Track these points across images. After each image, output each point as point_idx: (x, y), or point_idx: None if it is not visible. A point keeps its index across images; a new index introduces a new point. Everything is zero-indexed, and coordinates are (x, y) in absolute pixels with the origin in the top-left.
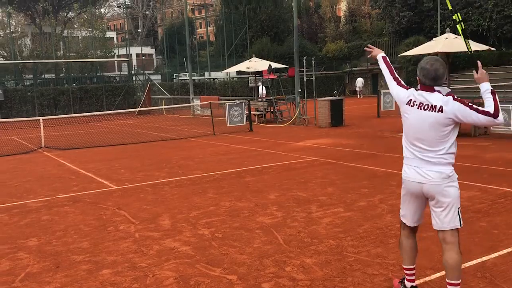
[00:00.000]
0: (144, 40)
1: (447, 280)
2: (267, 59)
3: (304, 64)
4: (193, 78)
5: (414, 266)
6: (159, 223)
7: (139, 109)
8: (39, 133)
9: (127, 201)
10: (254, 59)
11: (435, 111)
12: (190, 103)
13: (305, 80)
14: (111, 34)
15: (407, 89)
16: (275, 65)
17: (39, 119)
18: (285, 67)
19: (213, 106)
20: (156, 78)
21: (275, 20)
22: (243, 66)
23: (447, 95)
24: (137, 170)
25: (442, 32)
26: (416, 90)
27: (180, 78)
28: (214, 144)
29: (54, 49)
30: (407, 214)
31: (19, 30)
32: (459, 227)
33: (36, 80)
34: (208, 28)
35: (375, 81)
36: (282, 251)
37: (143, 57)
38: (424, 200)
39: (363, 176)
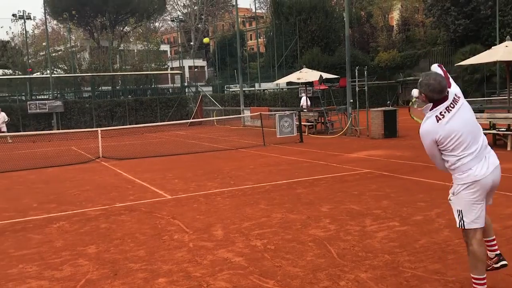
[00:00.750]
0: (196, 52)
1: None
2: (318, 70)
3: (356, 74)
4: (244, 89)
5: (485, 275)
6: (212, 233)
7: (191, 120)
8: (97, 143)
9: (181, 211)
10: (304, 69)
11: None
12: (240, 114)
13: (357, 90)
14: (164, 47)
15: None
16: (325, 75)
17: (97, 130)
18: (336, 77)
19: (263, 117)
20: (208, 89)
21: (325, 30)
22: (293, 77)
23: None
24: (190, 180)
25: (501, 40)
26: (431, 111)
27: (231, 89)
28: (264, 155)
29: (111, 62)
30: (481, 215)
31: (78, 44)
32: None
33: (94, 92)
34: (259, 39)
35: None
36: (336, 265)
37: (195, 69)
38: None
39: (419, 189)
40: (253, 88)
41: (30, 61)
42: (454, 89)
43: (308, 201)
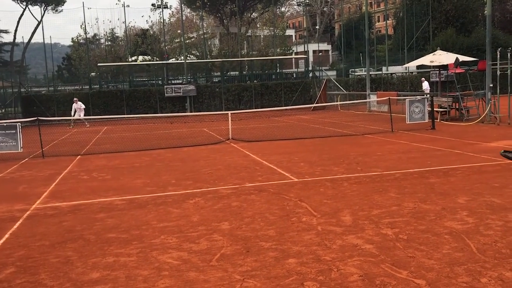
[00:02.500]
0: (321, 36)
1: None
2: (452, 52)
3: (498, 56)
4: (370, 73)
5: None
6: (340, 219)
7: (315, 104)
8: (226, 125)
9: (307, 194)
10: (438, 52)
11: None
12: (366, 98)
13: (498, 74)
14: (290, 32)
15: None
16: (462, 58)
17: (227, 113)
18: (474, 60)
19: (391, 102)
20: (332, 74)
21: (462, 9)
22: (426, 60)
23: None
24: (316, 164)
25: None
26: None
27: (356, 73)
28: (392, 142)
29: (239, 48)
30: None
31: (209, 31)
32: None
33: (223, 77)
34: (387, 21)
35: None
36: (476, 260)
37: (320, 53)
38: None
39: None
40: (379, 72)
41: (166, 47)
42: None
43: (442, 191)
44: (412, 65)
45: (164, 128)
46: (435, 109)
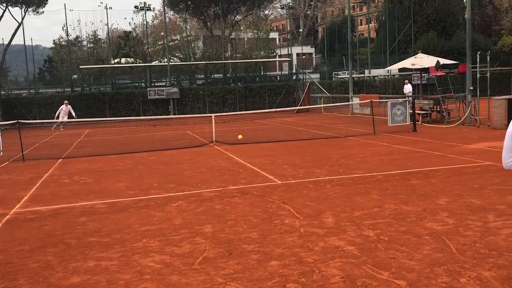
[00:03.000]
0: (305, 39)
1: None
2: (433, 55)
3: (478, 59)
4: (353, 76)
5: None
6: (322, 220)
7: (299, 107)
8: (210, 128)
9: (290, 196)
10: (420, 55)
11: None
12: (348, 101)
13: (478, 77)
14: (273, 35)
15: None
16: (443, 61)
17: (211, 116)
18: (454, 63)
19: (374, 105)
20: (315, 77)
21: (443, 13)
22: (407, 63)
23: None
24: (299, 166)
25: None
26: None
27: (339, 76)
28: (374, 144)
29: (223, 50)
30: None
31: (193, 34)
32: None
33: (207, 79)
34: (370, 24)
35: None
36: (456, 260)
37: (303, 56)
38: None
39: None
40: (362, 75)
41: (149, 50)
42: None
43: (423, 193)
44: (394, 68)
45: (147, 131)
46: (416, 112)
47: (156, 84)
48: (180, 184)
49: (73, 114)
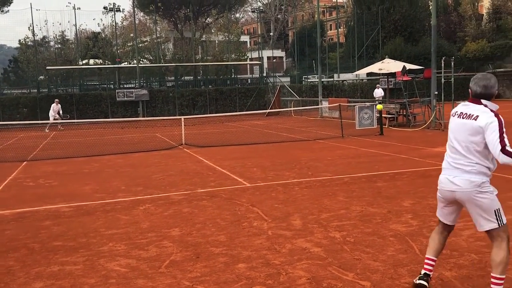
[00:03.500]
0: (275, 43)
1: (491, 274)
2: (400, 60)
3: (442, 65)
4: (322, 80)
5: (435, 258)
6: (290, 223)
7: (269, 110)
8: (179, 131)
9: (259, 199)
10: (387, 60)
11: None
12: (318, 105)
13: (442, 82)
14: (244, 38)
15: None
16: (409, 66)
17: (180, 118)
18: (420, 68)
19: (342, 108)
20: (285, 80)
21: (409, 19)
22: (375, 68)
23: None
24: (268, 169)
25: None
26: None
27: (309, 80)
28: (342, 147)
29: (194, 53)
30: (441, 214)
31: (163, 35)
32: (497, 227)
33: (177, 82)
34: (339, 29)
35: None
36: (419, 261)
37: (274, 60)
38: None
39: (510, 187)
40: (331, 79)
41: (118, 51)
42: (486, 120)
43: (388, 195)
44: (362, 72)
45: (115, 134)
46: (383, 116)
47: (125, 86)
48: (148, 187)
49: (61, 113)
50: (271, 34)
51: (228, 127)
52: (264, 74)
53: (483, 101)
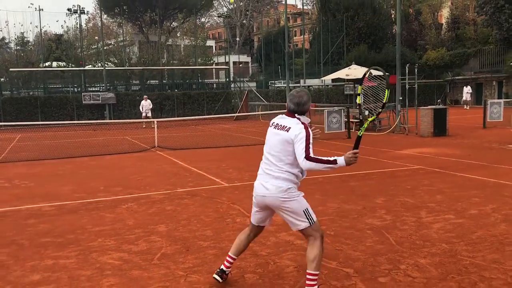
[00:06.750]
0: (241, 48)
1: (307, 271)
2: (364, 67)
3: (407, 71)
4: (289, 85)
5: (235, 257)
6: (272, 219)
7: (238, 114)
8: (150, 133)
9: (239, 197)
10: (353, 66)
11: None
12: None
13: (407, 88)
14: (210, 43)
15: None
16: (375, 72)
17: (153, 121)
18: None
19: (311, 113)
20: (251, 85)
21: (373, 27)
22: (342, 74)
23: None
24: (244, 170)
25: None
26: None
27: (275, 85)
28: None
29: (159, 56)
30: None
31: (128, 39)
32: (309, 225)
33: (143, 85)
34: (305, 36)
35: (479, 91)
36: (395, 251)
37: (240, 65)
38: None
39: (472, 186)
40: (298, 84)
41: (82, 54)
42: (296, 132)
43: (362, 193)
44: (330, 78)
45: (83, 136)
46: (350, 120)
47: (89, 89)
48: (127, 187)
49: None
50: (237, 39)
51: (198, 131)
52: (231, 79)
53: (296, 115)
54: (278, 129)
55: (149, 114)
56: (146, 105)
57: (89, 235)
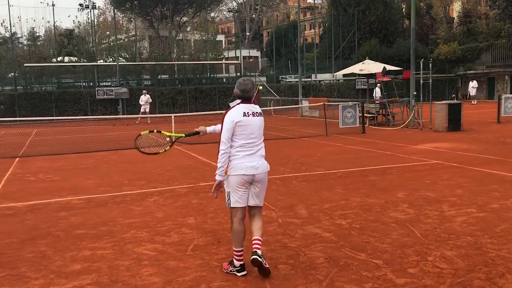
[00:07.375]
0: (251, 43)
1: (257, 237)
2: (376, 61)
3: (421, 66)
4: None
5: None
6: (297, 212)
7: None
8: (167, 128)
9: None
10: (367, 61)
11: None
12: (298, 104)
13: (421, 83)
14: (220, 37)
15: (232, 112)
16: (389, 67)
17: (171, 116)
18: (399, 69)
19: (322, 108)
20: (262, 80)
21: (384, 21)
22: (356, 68)
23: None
24: None
25: None
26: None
27: (286, 80)
28: (328, 144)
29: (170, 51)
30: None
31: (138, 34)
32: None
33: (156, 80)
34: (315, 30)
35: (491, 85)
36: (421, 243)
37: (250, 59)
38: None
39: (491, 181)
40: (309, 79)
41: (94, 49)
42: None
43: (382, 187)
44: (342, 73)
45: (100, 131)
46: (365, 115)
47: (101, 84)
48: (151, 181)
49: (150, 100)
50: (247, 33)
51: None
52: (242, 74)
53: (253, 101)
54: (257, 116)
55: (147, 110)
56: (145, 99)
57: (121, 227)
